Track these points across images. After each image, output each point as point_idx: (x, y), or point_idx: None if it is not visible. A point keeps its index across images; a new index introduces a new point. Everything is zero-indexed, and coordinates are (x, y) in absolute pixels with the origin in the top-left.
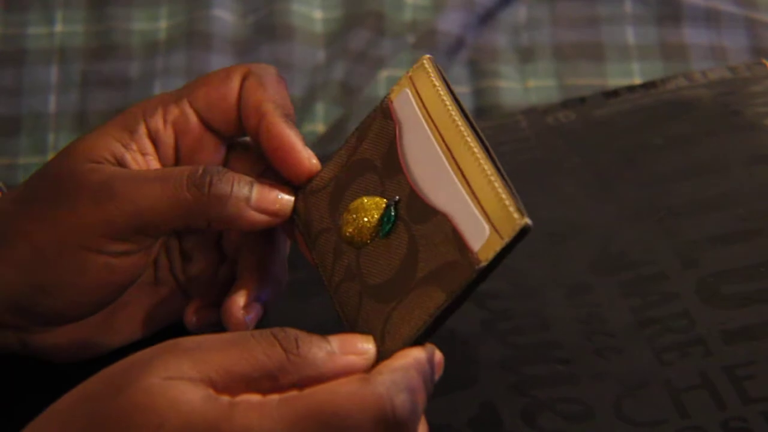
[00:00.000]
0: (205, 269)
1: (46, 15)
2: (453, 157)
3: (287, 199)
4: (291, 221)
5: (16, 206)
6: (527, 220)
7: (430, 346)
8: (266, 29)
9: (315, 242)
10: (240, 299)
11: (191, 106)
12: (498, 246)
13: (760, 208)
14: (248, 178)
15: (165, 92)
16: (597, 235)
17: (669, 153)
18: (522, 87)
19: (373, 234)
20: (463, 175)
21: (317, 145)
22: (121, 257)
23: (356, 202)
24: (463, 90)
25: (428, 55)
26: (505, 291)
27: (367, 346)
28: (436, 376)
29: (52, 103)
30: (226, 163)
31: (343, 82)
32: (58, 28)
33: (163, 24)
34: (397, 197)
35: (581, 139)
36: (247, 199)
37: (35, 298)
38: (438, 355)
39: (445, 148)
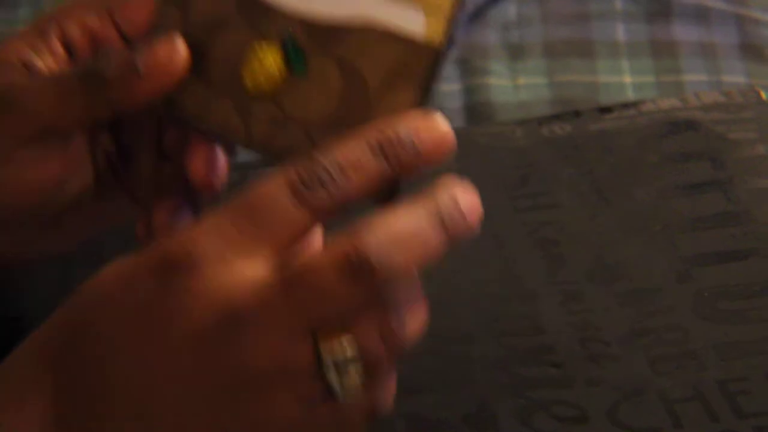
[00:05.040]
0: (146, 169)
1: (35, 12)
2: None
3: (175, 47)
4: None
5: None
6: None
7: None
8: None
9: (204, 116)
10: (164, 210)
11: (112, 16)
12: (442, 23)
13: (752, 229)
14: (135, 47)
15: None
16: (592, 245)
17: (664, 170)
18: (512, 84)
19: (283, 74)
20: None
21: None
22: (33, 166)
23: (244, 56)
24: (453, 88)
25: None
26: (499, 294)
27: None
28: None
29: None
30: None
31: None
32: None
33: None
34: (290, 29)
35: (577, 152)
36: (134, 70)
37: None
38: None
39: None
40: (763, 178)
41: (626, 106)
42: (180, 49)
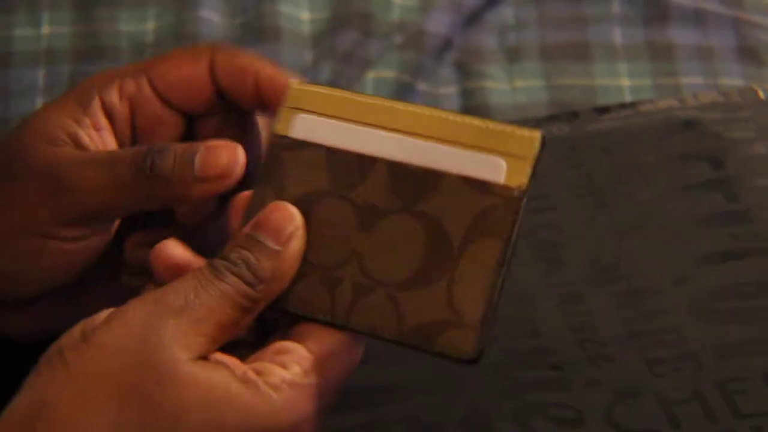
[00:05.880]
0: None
1: (32, 17)
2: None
3: (234, 156)
4: None
5: None
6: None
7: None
8: (254, 30)
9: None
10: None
11: (150, 82)
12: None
13: (751, 228)
14: (194, 146)
15: (122, 67)
16: (589, 246)
17: (662, 171)
18: (509, 87)
19: None
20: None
21: None
22: (75, 242)
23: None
24: (450, 91)
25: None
26: None
27: (288, 212)
28: None
29: (39, 106)
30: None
31: (330, 82)
32: (45, 29)
33: (150, 25)
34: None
35: (574, 153)
36: (191, 172)
37: None
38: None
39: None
40: (761, 177)
41: (624, 106)
42: (239, 154)
